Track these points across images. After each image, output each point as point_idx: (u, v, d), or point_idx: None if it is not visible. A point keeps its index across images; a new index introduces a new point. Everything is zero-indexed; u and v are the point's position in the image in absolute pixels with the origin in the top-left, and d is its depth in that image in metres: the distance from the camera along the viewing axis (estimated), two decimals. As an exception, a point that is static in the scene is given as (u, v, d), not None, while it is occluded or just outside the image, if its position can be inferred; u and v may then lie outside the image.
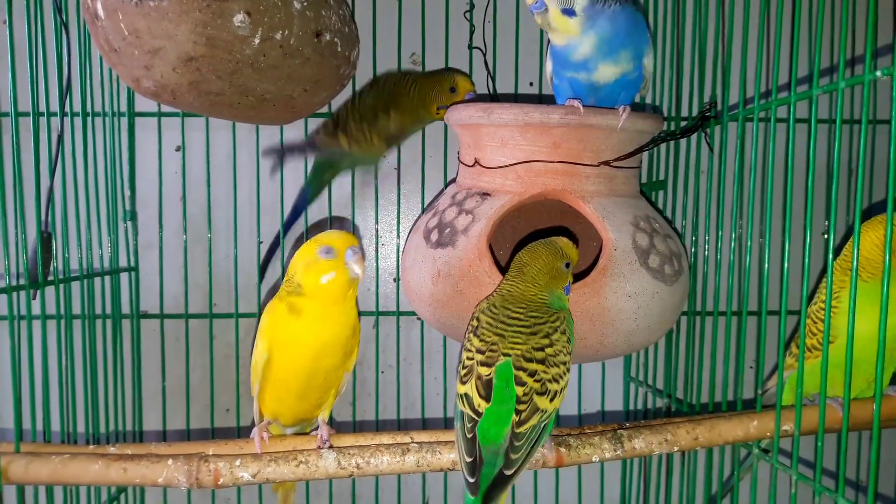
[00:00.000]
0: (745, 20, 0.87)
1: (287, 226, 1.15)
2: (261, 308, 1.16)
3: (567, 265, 0.79)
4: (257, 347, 0.80)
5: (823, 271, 0.83)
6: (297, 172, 1.17)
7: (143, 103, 1.14)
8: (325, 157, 1.11)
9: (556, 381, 0.71)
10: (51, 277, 0.93)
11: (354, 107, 1.08)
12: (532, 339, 0.72)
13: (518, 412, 0.68)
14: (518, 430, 0.68)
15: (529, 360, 0.71)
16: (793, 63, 0.76)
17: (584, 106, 0.85)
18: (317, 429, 0.82)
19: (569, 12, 0.82)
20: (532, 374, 0.70)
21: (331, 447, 0.76)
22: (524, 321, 0.74)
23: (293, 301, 0.78)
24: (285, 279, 0.81)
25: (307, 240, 0.81)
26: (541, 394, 0.69)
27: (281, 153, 1.12)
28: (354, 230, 1.21)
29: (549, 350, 0.72)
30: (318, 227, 1.19)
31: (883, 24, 1.15)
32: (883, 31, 1.17)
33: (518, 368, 0.70)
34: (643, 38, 0.88)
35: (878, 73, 0.64)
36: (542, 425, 0.69)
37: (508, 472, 0.67)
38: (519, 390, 0.69)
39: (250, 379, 0.83)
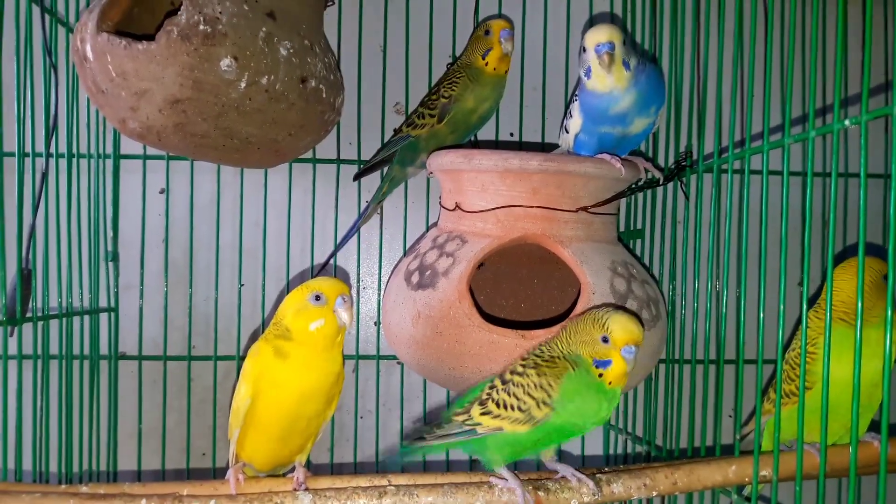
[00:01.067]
0: (719, 72, 0.90)
1: (343, 240, 1.17)
2: (240, 351, 1.15)
3: (604, 339, 0.74)
4: (239, 391, 0.79)
5: (801, 319, 0.84)
6: (280, 219, 1.17)
7: (129, 146, 1.15)
8: (395, 150, 1.10)
9: (498, 406, 0.75)
10: (29, 314, 0.92)
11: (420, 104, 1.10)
12: (517, 366, 0.77)
13: (465, 407, 0.78)
14: (450, 416, 0.78)
15: (502, 380, 0.77)
16: (765, 114, 0.79)
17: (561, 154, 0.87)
18: (292, 471, 0.81)
19: (626, 65, 0.84)
20: (492, 387, 0.77)
21: (307, 489, 0.75)
22: (528, 359, 0.78)
23: (280, 345, 0.78)
24: (273, 322, 0.80)
25: (297, 285, 0.81)
26: (481, 403, 0.76)
27: (361, 171, 1.15)
28: (335, 274, 1.21)
29: (516, 378, 0.76)
30: (302, 276, 1.20)
31: (853, 72, 1.19)
32: (854, 79, 1.21)
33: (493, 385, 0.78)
34: (663, 95, 0.92)
35: (847, 123, 0.66)
36: (466, 428, 0.76)
37: (424, 435, 0.78)
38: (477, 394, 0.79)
39: (229, 422, 0.82)
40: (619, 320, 0.73)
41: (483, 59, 1.06)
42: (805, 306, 0.72)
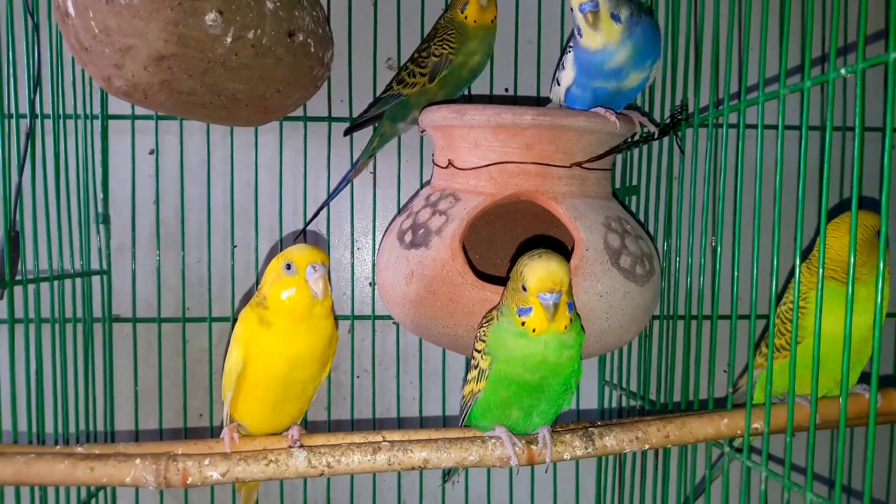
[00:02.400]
0: (716, 23, 0.88)
1: (334, 193, 1.16)
2: (234, 313, 1.15)
3: (523, 287, 0.71)
4: (231, 356, 0.79)
5: (793, 274, 0.84)
6: (272, 178, 1.16)
7: (117, 106, 1.13)
8: (385, 109, 1.09)
9: (469, 371, 0.80)
10: (19, 277, 0.92)
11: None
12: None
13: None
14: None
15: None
16: (761, 64, 0.77)
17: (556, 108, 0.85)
18: (288, 429, 0.81)
19: (616, 18, 0.82)
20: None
21: (301, 446, 0.75)
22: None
23: (261, 313, 0.77)
24: (257, 289, 0.80)
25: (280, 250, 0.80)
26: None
27: (351, 126, 1.13)
28: (329, 234, 1.20)
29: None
30: (294, 236, 1.19)
31: (852, 20, 1.17)
32: (852, 27, 1.19)
33: None
34: (659, 48, 0.90)
35: (843, 71, 0.65)
36: (467, 402, 0.80)
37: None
38: None
39: (222, 385, 0.82)
40: (533, 267, 0.70)
41: (462, 12, 1.04)
42: (798, 261, 0.72)
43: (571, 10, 0.83)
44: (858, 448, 1.13)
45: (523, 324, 0.71)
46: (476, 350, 0.77)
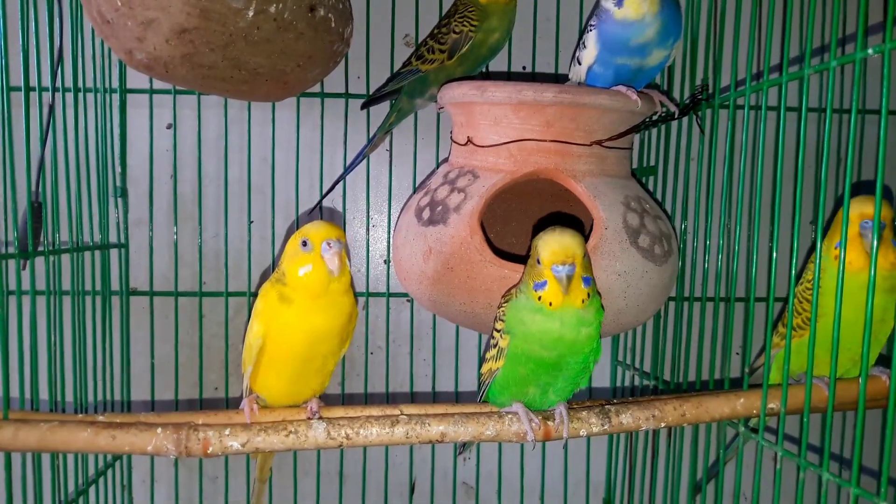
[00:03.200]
0: (738, 2, 0.87)
1: (350, 167, 1.16)
2: (250, 287, 1.16)
3: (538, 261, 0.72)
4: (251, 330, 0.80)
5: (810, 254, 0.84)
6: (288, 154, 1.17)
7: (135, 80, 1.14)
8: (403, 84, 1.09)
9: (489, 350, 0.80)
10: (40, 248, 0.92)
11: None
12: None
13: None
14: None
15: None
16: (785, 44, 0.77)
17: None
18: (306, 401, 0.82)
19: None
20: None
21: (320, 418, 0.76)
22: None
23: (281, 289, 0.77)
24: (278, 265, 0.80)
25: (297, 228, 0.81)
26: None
27: (368, 100, 1.13)
28: (345, 212, 1.21)
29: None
30: (310, 213, 1.19)
31: (874, 2, 1.16)
32: (875, 9, 1.18)
33: None
34: (681, 27, 0.89)
35: (870, 51, 0.64)
36: (484, 380, 0.81)
37: None
38: None
39: (242, 358, 0.83)
40: (547, 239, 0.71)
41: None
42: (820, 240, 0.72)
43: None
44: (870, 429, 1.14)
45: (539, 298, 0.71)
46: (496, 329, 0.78)
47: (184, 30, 0.84)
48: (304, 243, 0.76)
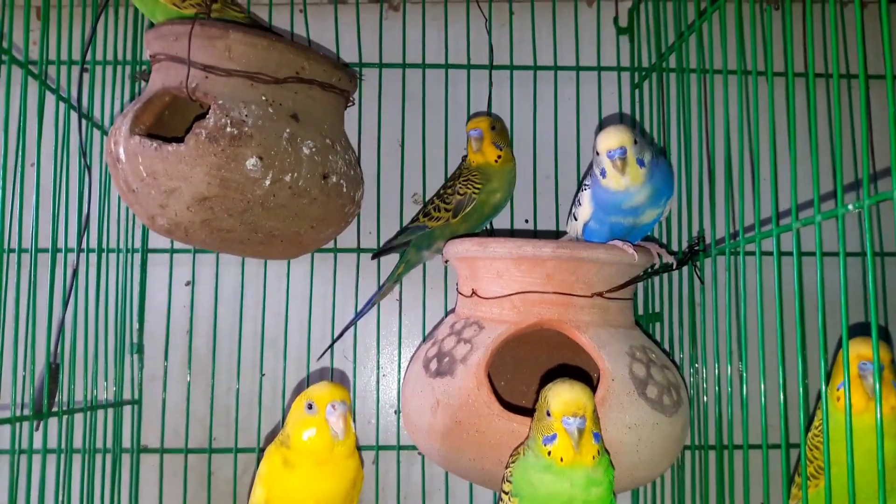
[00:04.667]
0: (727, 157, 0.92)
1: (360, 314, 1.19)
2: (259, 443, 1.15)
3: (548, 413, 0.72)
4: (254, 494, 0.79)
5: (817, 403, 0.84)
6: (302, 308, 1.20)
7: (157, 240, 1.19)
8: (410, 238, 1.14)
9: None
10: (55, 409, 0.94)
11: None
12: None
13: None
14: None
15: None
16: (772, 200, 0.81)
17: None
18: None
19: (640, 162, 0.86)
20: None
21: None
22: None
23: (285, 453, 0.77)
24: (283, 426, 0.81)
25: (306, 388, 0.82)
26: None
27: (379, 251, 1.17)
28: (355, 361, 1.22)
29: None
30: (321, 371, 1.21)
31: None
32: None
33: None
34: (673, 186, 0.94)
35: (850, 207, 0.67)
36: None
37: None
38: None
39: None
40: (556, 391, 0.71)
41: (473, 153, 1.11)
42: (825, 390, 0.72)
43: (597, 153, 0.87)
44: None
45: (549, 454, 0.70)
46: (504, 492, 0.76)
47: (204, 198, 0.89)
48: (310, 406, 0.76)
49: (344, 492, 0.77)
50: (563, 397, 0.70)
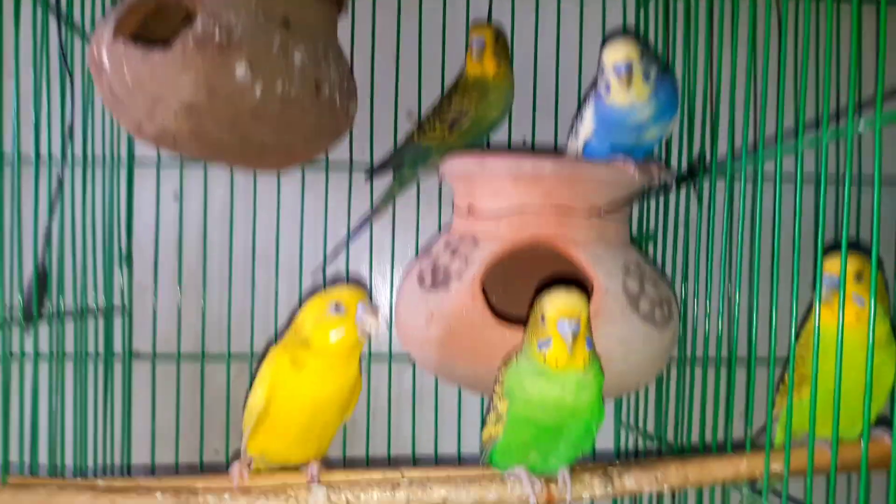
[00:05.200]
0: (733, 77, 0.90)
1: (353, 233, 1.19)
2: (253, 351, 1.17)
3: (542, 318, 0.72)
4: (255, 393, 0.80)
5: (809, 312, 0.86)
6: (293, 224, 1.19)
7: (143, 149, 1.17)
8: (404, 156, 1.12)
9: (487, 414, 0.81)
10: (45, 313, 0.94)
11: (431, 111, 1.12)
12: None
13: None
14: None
15: None
16: (778, 118, 0.80)
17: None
18: (306, 464, 0.81)
19: (646, 77, 0.84)
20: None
21: (320, 482, 0.76)
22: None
23: (298, 354, 0.78)
24: (291, 330, 0.81)
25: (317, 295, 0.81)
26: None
27: (372, 171, 1.16)
28: (347, 277, 1.22)
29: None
30: (314, 281, 1.21)
31: (869, 77, 1.20)
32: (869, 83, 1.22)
33: None
34: (677, 104, 0.92)
35: (861, 127, 0.66)
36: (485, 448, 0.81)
37: None
38: None
39: (243, 418, 0.83)
40: (552, 296, 0.71)
41: (472, 63, 1.08)
42: (819, 301, 0.73)
43: (602, 68, 0.85)
44: (876, 489, 1.12)
45: (544, 359, 0.72)
46: (494, 392, 0.78)
47: (192, 106, 0.87)
48: (338, 307, 0.77)
49: (347, 393, 0.79)
50: (558, 303, 0.71)
